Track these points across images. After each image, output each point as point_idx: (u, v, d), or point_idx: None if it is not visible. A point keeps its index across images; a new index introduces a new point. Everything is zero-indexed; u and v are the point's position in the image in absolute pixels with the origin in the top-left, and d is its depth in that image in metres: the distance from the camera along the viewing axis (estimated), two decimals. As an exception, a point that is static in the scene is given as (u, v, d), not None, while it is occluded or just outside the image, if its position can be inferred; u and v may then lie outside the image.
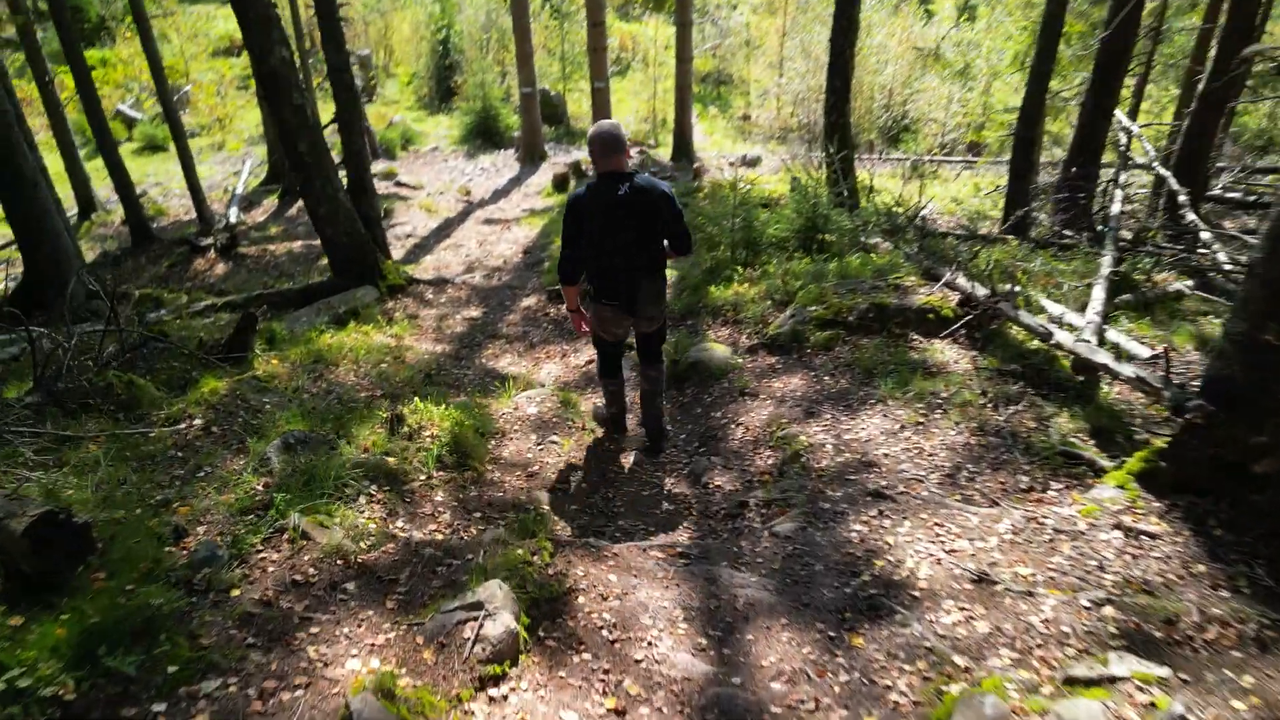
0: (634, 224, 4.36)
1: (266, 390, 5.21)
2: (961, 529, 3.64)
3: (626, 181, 4.30)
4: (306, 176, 7.63)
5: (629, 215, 4.32)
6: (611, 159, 4.35)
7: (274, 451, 3.93)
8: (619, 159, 4.35)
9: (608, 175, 4.35)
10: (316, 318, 7.14)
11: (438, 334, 7.43)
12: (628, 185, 4.29)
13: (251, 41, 7.09)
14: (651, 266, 4.56)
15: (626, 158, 4.39)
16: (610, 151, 4.35)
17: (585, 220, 4.38)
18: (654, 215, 4.37)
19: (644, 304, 4.59)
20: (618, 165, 4.36)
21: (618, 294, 4.54)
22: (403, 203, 14.64)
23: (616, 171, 4.35)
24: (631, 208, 4.30)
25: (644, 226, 4.39)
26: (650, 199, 4.32)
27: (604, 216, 4.34)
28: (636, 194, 4.29)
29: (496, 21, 26.96)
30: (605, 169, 4.37)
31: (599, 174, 4.40)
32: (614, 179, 4.31)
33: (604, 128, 4.43)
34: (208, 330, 7.42)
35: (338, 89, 8.12)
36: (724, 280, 7.31)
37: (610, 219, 4.34)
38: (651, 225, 4.41)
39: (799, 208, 7.82)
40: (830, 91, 10.83)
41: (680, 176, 17.40)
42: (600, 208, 4.33)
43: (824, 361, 5.69)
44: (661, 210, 4.36)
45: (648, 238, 4.45)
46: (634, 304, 4.57)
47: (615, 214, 4.32)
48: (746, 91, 29.21)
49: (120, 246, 13.61)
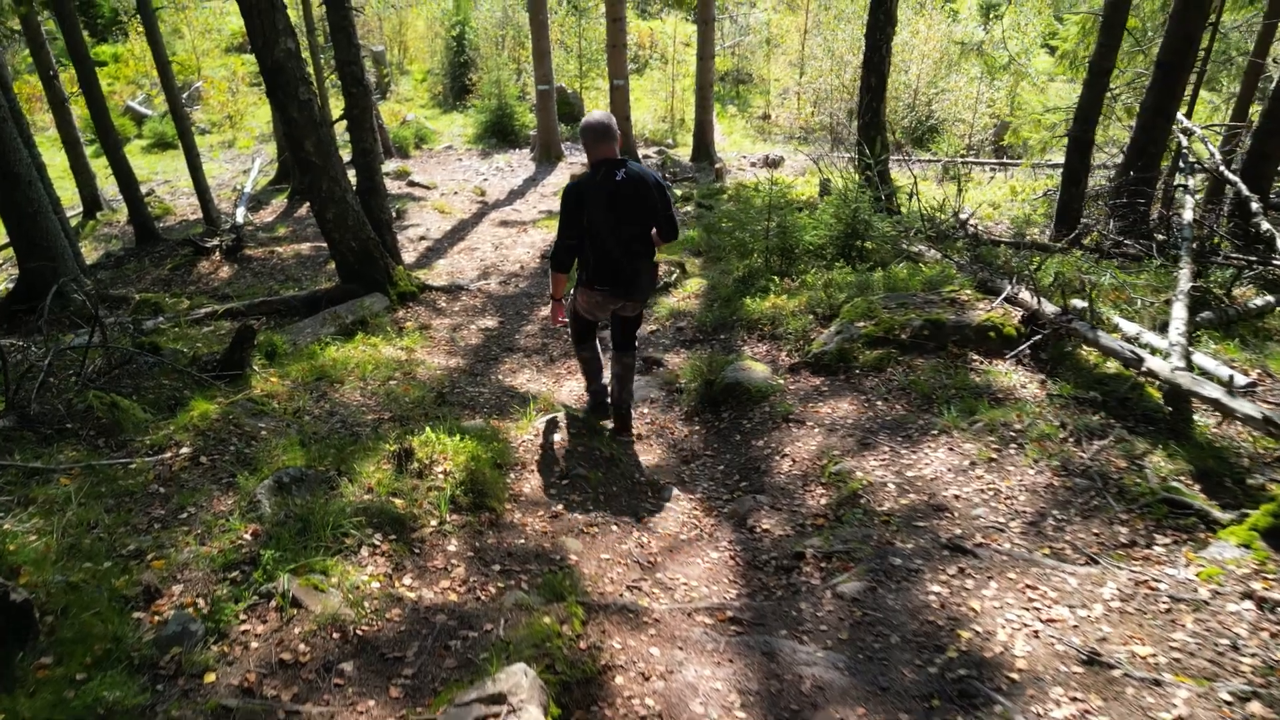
0: (631, 209, 4.50)
1: (263, 413, 4.73)
2: (1059, 593, 3.12)
3: (621, 168, 4.44)
4: (313, 177, 7.16)
5: (626, 201, 4.46)
6: (603, 147, 4.46)
7: (265, 493, 3.45)
8: (610, 146, 4.47)
9: (602, 163, 4.47)
10: (322, 329, 6.66)
11: (451, 347, 6.93)
12: (623, 171, 4.44)
13: (254, 30, 6.62)
14: (646, 250, 4.69)
15: (618, 145, 4.52)
16: (601, 140, 4.46)
17: (585, 208, 4.49)
18: (648, 201, 4.50)
19: (640, 286, 4.75)
20: (609, 153, 4.47)
21: (615, 279, 4.66)
22: (415, 203, 14.18)
23: (609, 159, 4.47)
24: (628, 194, 4.45)
25: (639, 212, 4.52)
26: (645, 185, 4.47)
27: (604, 203, 4.46)
28: (632, 180, 4.44)
29: (512, 18, 26.51)
30: (598, 157, 4.48)
31: (593, 163, 4.52)
32: (609, 166, 4.45)
33: (595, 117, 4.54)
34: (205, 340, 6.97)
35: (348, 84, 7.64)
36: (759, 291, 6.80)
37: (610, 205, 4.46)
38: (646, 210, 4.53)
39: (838, 213, 7.29)
40: (864, 90, 10.30)
41: (701, 177, 16.88)
42: (599, 195, 4.45)
43: (876, 384, 5.17)
44: (654, 196, 4.51)
45: (643, 223, 4.59)
46: (631, 286, 4.71)
47: (614, 200, 4.45)
48: (766, 90, 28.66)
49: (124, 247, 13.19)
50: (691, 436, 5.23)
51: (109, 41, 29.15)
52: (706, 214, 11.82)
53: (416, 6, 30.98)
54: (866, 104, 10.26)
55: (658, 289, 7.57)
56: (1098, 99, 7.69)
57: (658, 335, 6.84)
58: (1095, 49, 7.66)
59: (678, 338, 6.71)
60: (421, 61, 30.09)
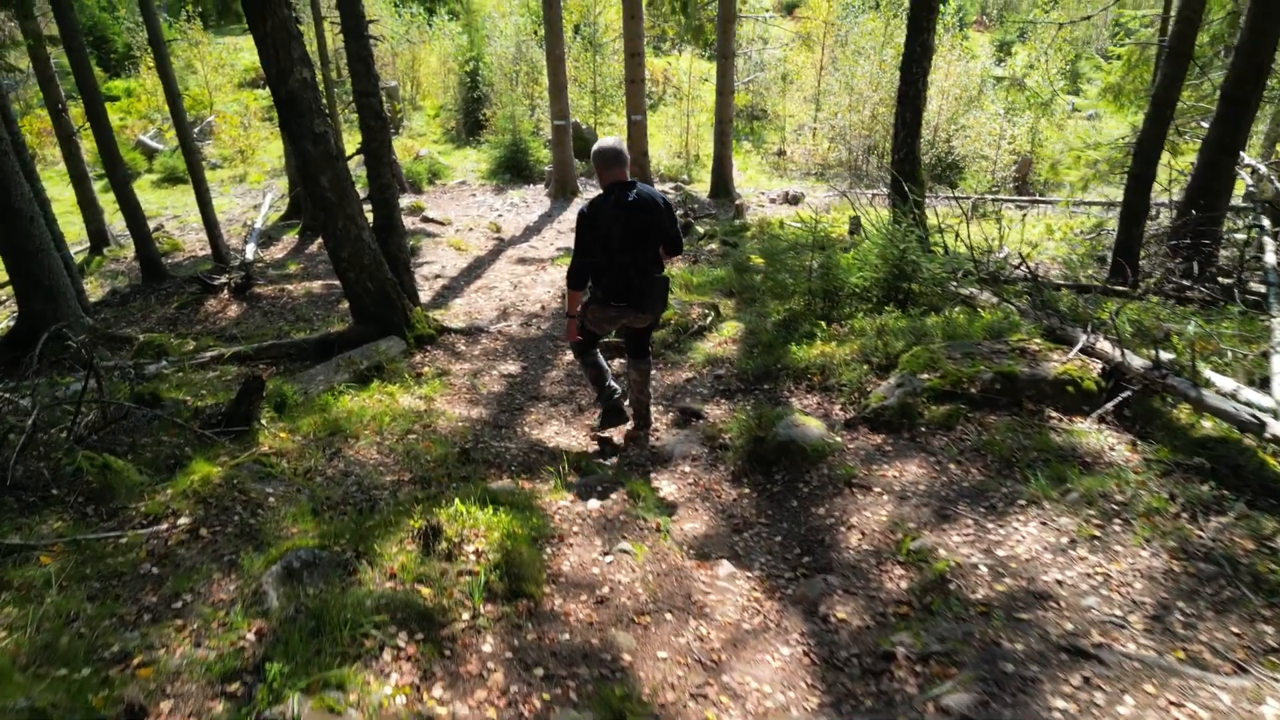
0: (643, 229, 4.82)
1: (270, 477, 4.26)
2: (1211, 713, 2.61)
3: (632, 189, 4.77)
4: (328, 214, 6.76)
5: (638, 221, 4.78)
6: (615, 170, 4.79)
7: (272, 582, 2.97)
8: (622, 170, 4.80)
9: (614, 185, 4.78)
10: (335, 376, 6.21)
11: (472, 395, 6.48)
12: (634, 193, 4.76)
13: (268, 60, 6.25)
14: (658, 267, 5.03)
15: (628, 169, 4.83)
16: (613, 164, 4.78)
17: (599, 227, 4.78)
18: (659, 219, 4.85)
19: (654, 300, 5.07)
20: (621, 176, 4.80)
21: (628, 294, 4.97)
22: (430, 240, 13.81)
23: (621, 182, 4.79)
24: (640, 213, 4.77)
25: (651, 230, 4.85)
26: (656, 205, 4.83)
27: (619, 223, 4.76)
28: (644, 201, 4.77)
29: (526, 54, 26.37)
30: (610, 180, 4.80)
31: (605, 186, 4.82)
32: (622, 189, 4.76)
33: (607, 142, 4.82)
34: (210, 387, 6.53)
35: (366, 116, 7.27)
36: (804, 337, 6.34)
37: (624, 225, 4.76)
38: (657, 228, 4.86)
39: (884, 253, 6.85)
40: (899, 125, 9.92)
41: (721, 214, 16.52)
42: (613, 216, 4.75)
43: (945, 444, 4.69)
44: (664, 215, 4.87)
45: (654, 240, 4.91)
46: (644, 301, 5.02)
47: (628, 220, 4.76)
48: (781, 126, 28.44)
49: (130, 284, 12.83)
50: (741, 501, 4.74)
51: (122, 76, 29.15)
52: (732, 252, 11.42)
53: (430, 42, 30.94)
54: (901, 140, 9.88)
55: (693, 333, 7.12)
56: (1160, 133, 7.26)
57: (695, 384, 6.37)
58: (1158, 81, 7.24)
59: (717, 387, 6.24)
60: (434, 97, 29.99)
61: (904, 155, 9.91)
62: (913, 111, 9.86)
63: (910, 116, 9.85)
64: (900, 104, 9.89)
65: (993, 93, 25.01)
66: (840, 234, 11.80)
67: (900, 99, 9.90)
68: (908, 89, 9.83)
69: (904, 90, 9.86)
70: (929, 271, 6.85)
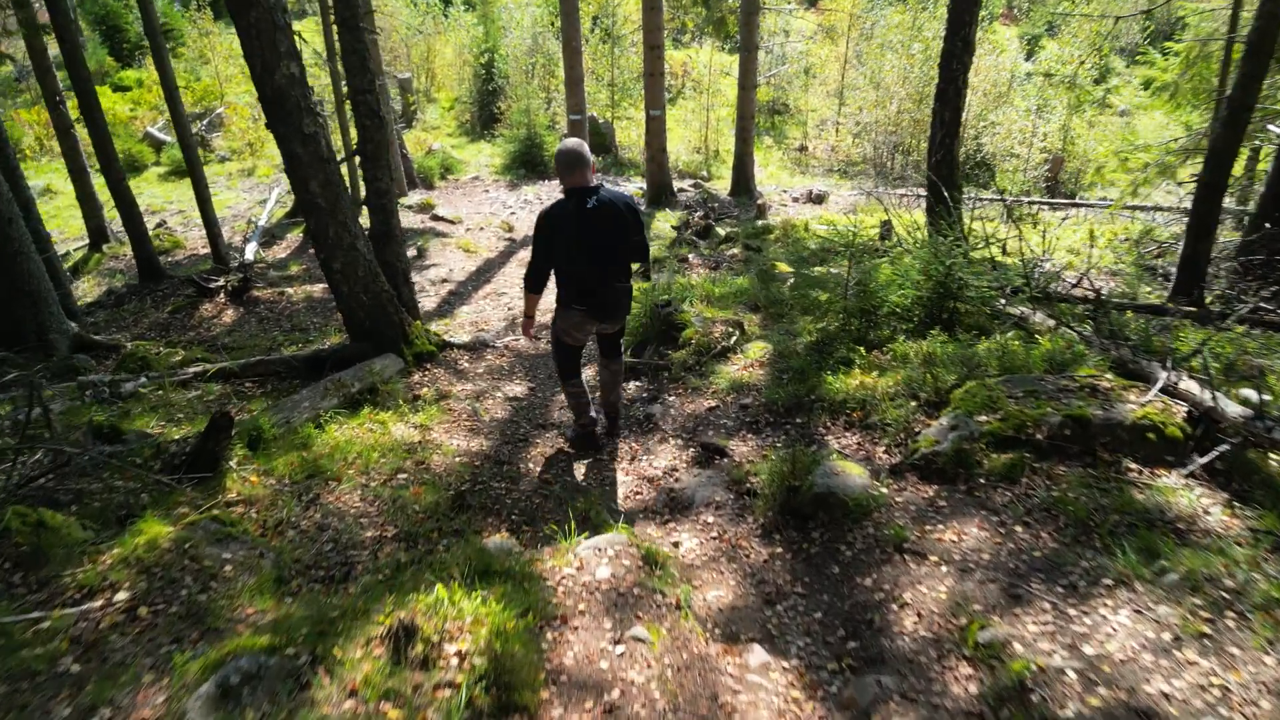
0: (602, 234, 4.68)
1: (229, 538, 3.69)
2: None
3: (593, 195, 4.63)
4: (319, 221, 6.19)
5: (597, 226, 4.64)
6: (575, 174, 4.64)
7: (201, 708, 2.39)
8: (583, 174, 4.63)
9: (574, 191, 4.65)
10: (322, 401, 5.64)
11: (473, 423, 5.89)
12: (594, 199, 4.62)
13: (251, 52, 5.68)
14: (619, 274, 4.91)
15: (591, 172, 4.66)
16: (574, 167, 4.63)
17: (556, 233, 4.69)
18: (621, 225, 4.71)
19: (613, 309, 5.02)
20: (582, 180, 4.64)
21: (589, 300, 4.88)
22: (439, 240, 13.24)
23: (582, 186, 4.64)
24: (599, 220, 4.63)
25: (611, 236, 4.71)
26: (616, 210, 4.67)
27: (575, 229, 4.64)
28: (603, 206, 4.62)
29: (542, 45, 25.76)
30: (570, 184, 4.67)
31: (565, 190, 4.70)
32: (581, 194, 4.63)
33: (568, 145, 4.70)
34: (188, 410, 6.00)
35: (362, 115, 6.69)
36: (839, 363, 5.72)
37: (580, 231, 4.64)
38: (619, 235, 4.73)
39: (928, 267, 6.22)
40: (937, 125, 9.27)
41: (742, 214, 15.88)
42: (570, 221, 4.63)
43: (1009, 501, 4.07)
44: (627, 220, 4.73)
45: (615, 246, 4.77)
46: (605, 308, 4.97)
47: (585, 226, 4.63)
48: (803, 121, 27.75)
49: (126, 284, 12.34)
50: (774, 563, 4.13)
51: (134, 66, 28.72)
52: (755, 257, 10.79)
53: (445, 34, 30.38)
54: (939, 140, 9.23)
55: (715, 354, 6.51)
56: (1236, 138, 6.56)
57: (718, 414, 5.76)
58: (1235, 80, 6.56)
59: (743, 419, 5.63)
60: (449, 89, 29.43)
61: (942, 157, 9.27)
62: (952, 111, 9.21)
63: (949, 116, 9.21)
64: (939, 102, 9.24)
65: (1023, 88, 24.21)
66: (869, 238, 11.15)
67: (938, 97, 9.25)
68: (947, 86, 9.18)
69: (943, 88, 9.22)
70: (977, 290, 6.21)
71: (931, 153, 9.32)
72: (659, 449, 5.44)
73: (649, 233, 13.86)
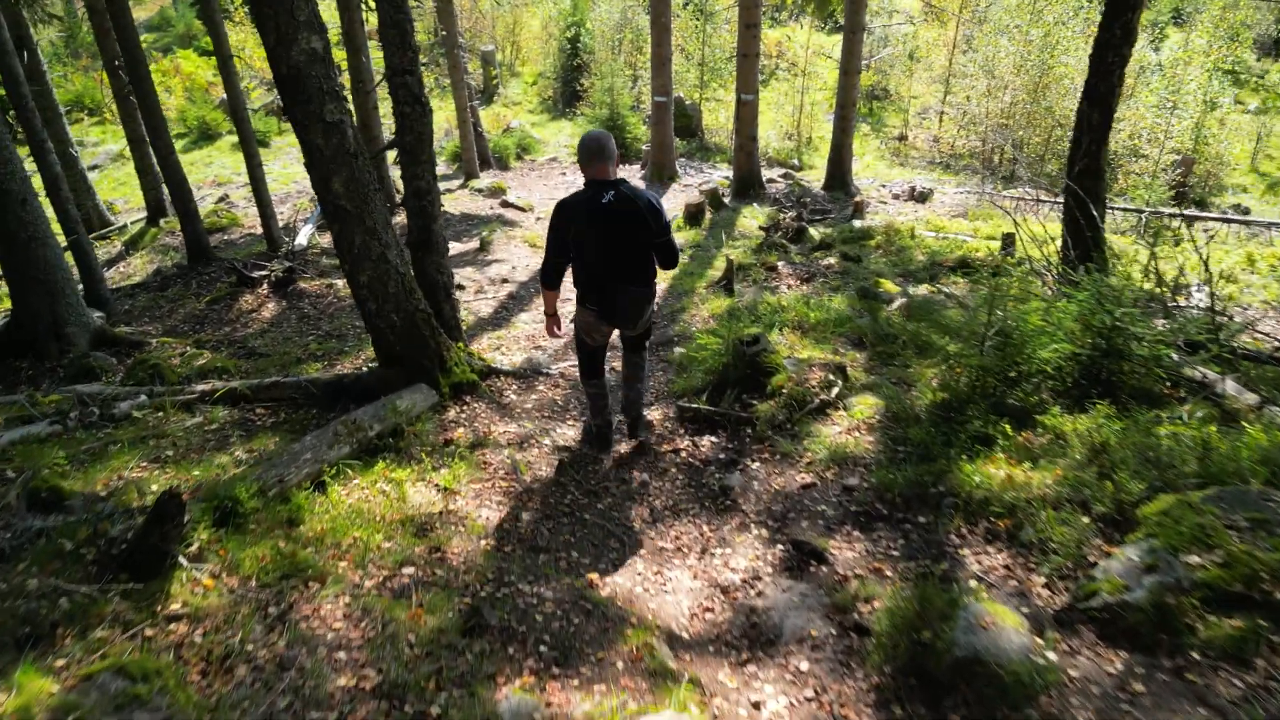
0: (616, 232, 4.42)
1: (136, 704, 2.67)
2: None
3: (611, 189, 4.37)
4: (343, 227, 5.18)
5: (611, 225, 4.39)
6: (596, 166, 4.40)
7: None
8: (604, 167, 4.39)
9: (593, 183, 4.41)
10: (329, 451, 4.62)
11: (510, 485, 4.81)
12: (612, 193, 4.36)
13: (264, 22, 4.67)
14: (634, 276, 4.59)
15: (614, 166, 4.45)
16: (596, 159, 4.39)
17: (570, 227, 4.47)
18: (638, 225, 4.40)
19: (624, 313, 4.68)
20: (603, 173, 4.40)
21: (601, 301, 4.63)
22: (505, 230, 12.24)
23: (601, 179, 4.40)
24: (615, 216, 4.36)
25: (627, 235, 4.44)
26: (634, 208, 4.37)
27: (587, 224, 4.41)
28: (621, 203, 4.35)
29: (631, 20, 24.55)
30: (590, 176, 4.44)
31: (585, 181, 4.48)
32: (599, 187, 4.38)
33: (591, 135, 4.44)
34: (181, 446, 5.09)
35: (400, 101, 5.63)
36: (975, 440, 4.46)
37: (593, 226, 4.41)
38: (635, 234, 4.44)
39: (1089, 317, 4.90)
40: (1084, 128, 7.82)
41: (837, 211, 14.50)
42: (584, 215, 4.40)
43: (1241, 696, 2.81)
44: (646, 220, 4.40)
45: (631, 246, 4.49)
46: (614, 313, 4.68)
47: (598, 222, 4.39)
48: (903, 109, 25.99)
49: (176, 264, 11.65)
50: (894, 759, 2.97)
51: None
52: (854, 268, 9.49)
53: (533, 5, 29.40)
54: (1086, 146, 7.77)
55: (812, 409, 5.30)
56: None
57: (815, 496, 4.56)
58: None
59: (847, 506, 4.42)
60: (533, 64, 28.48)
61: (1086, 166, 7.81)
62: (1103, 112, 7.74)
63: (1099, 118, 7.74)
64: (1087, 101, 7.77)
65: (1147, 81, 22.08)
66: (986, 251, 9.74)
67: (1087, 94, 7.78)
68: (1098, 83, 7.70)
69: (1093, 85, 7.74)
70: (1149, 347, 4.87)
71: (1074, 160, 7.87)
72: (737, 540, 4.29)
73: (734, 230, 12.63)
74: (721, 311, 7.87)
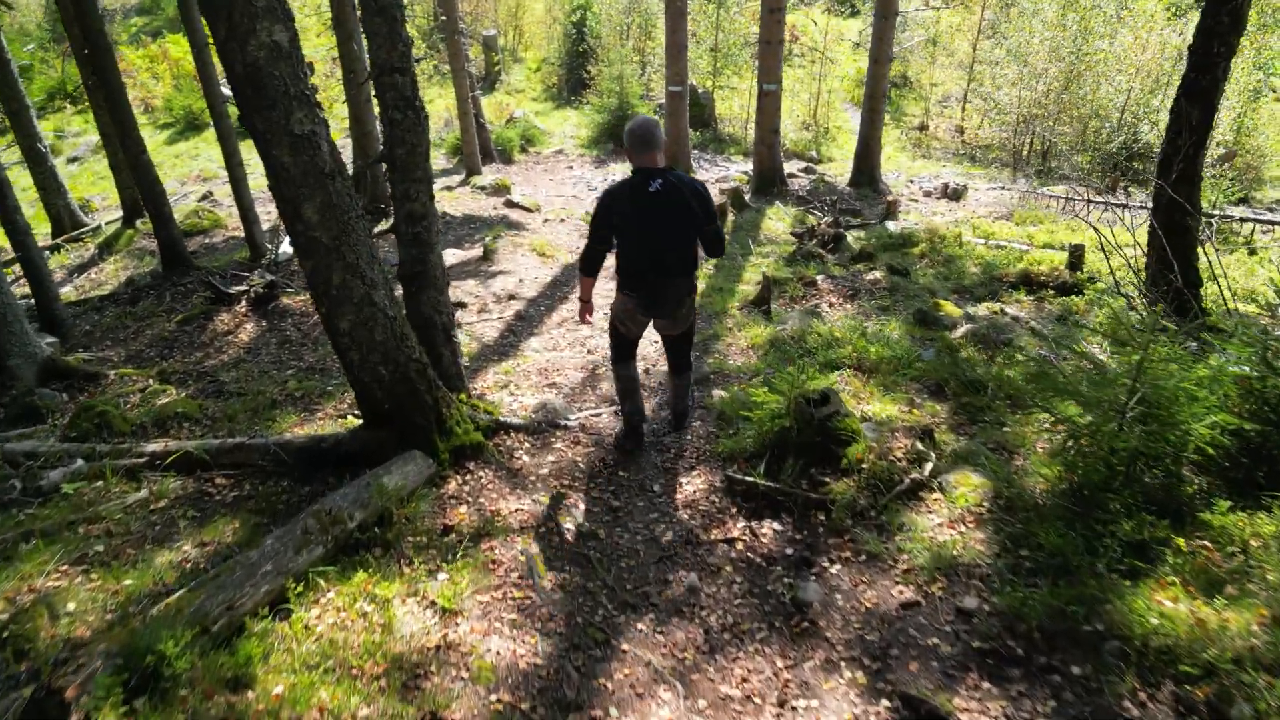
0: (664, 221, 4.42)
1: None
2: None
3: (659, 178, 4.35)
4: (316, 265, 4.16)
5: (657, 213, 4.38)
6: (646, 154, 4.37)
7: None
8: (652, 155, 4.37)
9: (641, 171, 4.39)
10: (297, 556, 3.62)
11: (527, 596, 3.78)
12: (660, 181, 4.34)
13: (214, 8, 3.64)
14: (678, 268, 4.57)
15: (663, 154, 4.41)
16: (645, 147, 4.36)
17: (614, 213, 4.46)
18: (685, 213, 4.40)
19: (664, 305, 4.67)
20: (651, 161, 4.38)
21: (640, 289, 4.61)
22: (511, 235, 11.20)
23: (650, 168, 4.38)
24: (663, 204, 4.35)
25: (674, 224, 4.44)
26: (682, 197, 4.37)
27: (635, 212, 4.40)
28: (669, 190, 4.34)
29: (640, 4, 23.38)
30: (639, 164, 4.41)
31: (634, 169, 4.44)
32: (647, 175, 4.36)
33: (639, 121, 4.42)
34: (113, 536, 4.11)
35: (388, 105, 4.58)
36: (1130, 552, 3.45)
37: (640, 215, 4.40)
38: (682, 224, 4.45)
39: (1256, 382, 3.89)
40: (1180, 127, 6.81)
41: (867, 211, 13.46)
42: (631, 203, 4.39)
43: None
44: (693, 209, 4.41)
45: (677, 236, 4.49)
46: (653, 303, 4.66)
47: (645, 210, 4.37)
48: (924, 97, 24.87)
49: (152, 272, 10.63)
50: None
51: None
52: (902, 283, 8.46)
53: (536, -12, 28.23)
54: (1184, 151, 6.74)
55: (902, 490, 4.28)
56: None
57: (921, 622, 3.52)
58: None
59: (967, 641, 3.38)
60: (537, 49, 27.31)
61: (1183, 172, 6.78)
62: (1204, 109, 6.71)
63: (1199, 117, 6.71)
64: (1185, 98, 6.74)
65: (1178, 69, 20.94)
66: (1050, 265, 8.70)
67: (1186, 91, 6.75)
68: (1199, 76, 6.67)
69: (1193, 79, 6.71)
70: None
71: (1169, 165, 6.81)
72: (824, 686, 3.27)
73: (760, 234, 11.59)
74: (763, 342, 6.85)
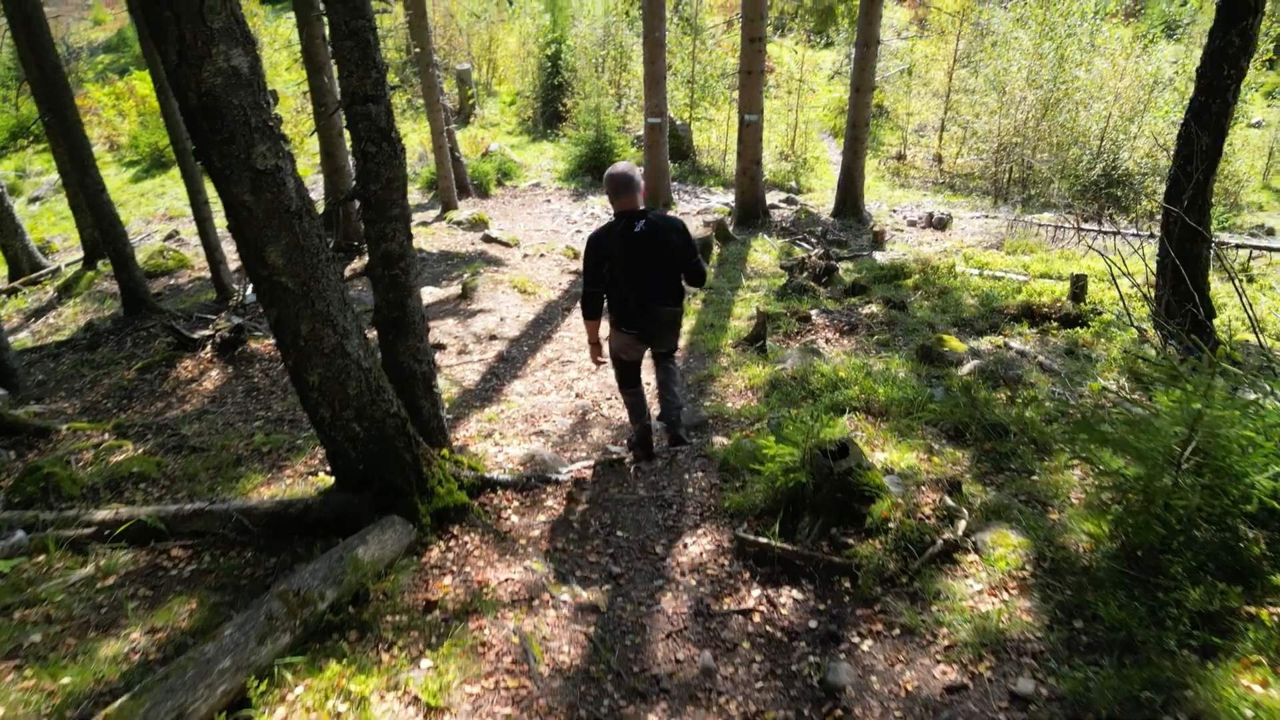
0: (652, 259, 4.67)
1: None
2: None
3: (641, 219, 4.60)
4: (282, 313, 3.75)
5: (647, 250, 4.63)
6: (626, 198, 4.63)
7: None
8: (632, 198, 4.62)
9: (623, 215, 4.64)
10: (260, 647, 3.17)
11: (519, 690, 3.35)
12: (643, 223, 4.59)
13: (163, 29, 3.24)
14: (669, 298, 4.85)
15: (641, 196, 4.65)
16: (626, 191, 4.61)
17: (604, 257, 4.68)
18: (670, 250, 4.71)
19: (661, 334, 5.00)
20: (632, 204, 4.63)
21: (634, 324, 4.87)
22: (490, 272, 10.81)
23: (633, 210, 4.62)
24: (647, 244, 4.61)
25: (661, 261, 4.71)
26: (665, 236, 4.67)
27: (623, 254, 4.63)
28: (653, 230, 4.61)
29: (615, 36, 23.25)
30: (620, 208, 4.66)
31: (615, 213, 4.69)
32: (631, 217, 4.61)
33: (618, 169, 4.65)
34: (60, 611, 3.65)
35: (361, 138, 4.22)
36: (1200, 623, 3.08)
37: (629, 256, 4.63)
38: (668, 260, 4.73)
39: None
40: (1190, 154, 6.58)
41: (853, 241, 13.21)
42: (619, 246, 4.62)
43: None
44: (675, 245, 4.71)
45: (664, 271, 4.76)
46: (653, 335, 4.98)
47: (633, 251, 4.61)
48: (900, 126, 24.89)
49: (113, 316, 10.13)
50: None
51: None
52: (900, 318, 8.14)
53: (509, 21, 28.09)
54: (1195, 179, 6.50)
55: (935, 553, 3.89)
56: None
57: (971, 711, 3.12)
58: None
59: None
60: (511, 82, 27.13)
61: (1194, 198, 6.54)
62: (1214, 135, 6.49)
63: (1209, 142, 6.48)
64: (1195, 123, 6.52)
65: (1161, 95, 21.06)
66: (1050, 296, 8.43)
67: (1195, 115, 6.53)
68: (1209, 100, 6.46)
69: (1203, 103, 6.50)
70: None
71: (1178, 192, 6.58)
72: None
73: (747, 267, 11.28)
74: (762, 382, 6.49)
